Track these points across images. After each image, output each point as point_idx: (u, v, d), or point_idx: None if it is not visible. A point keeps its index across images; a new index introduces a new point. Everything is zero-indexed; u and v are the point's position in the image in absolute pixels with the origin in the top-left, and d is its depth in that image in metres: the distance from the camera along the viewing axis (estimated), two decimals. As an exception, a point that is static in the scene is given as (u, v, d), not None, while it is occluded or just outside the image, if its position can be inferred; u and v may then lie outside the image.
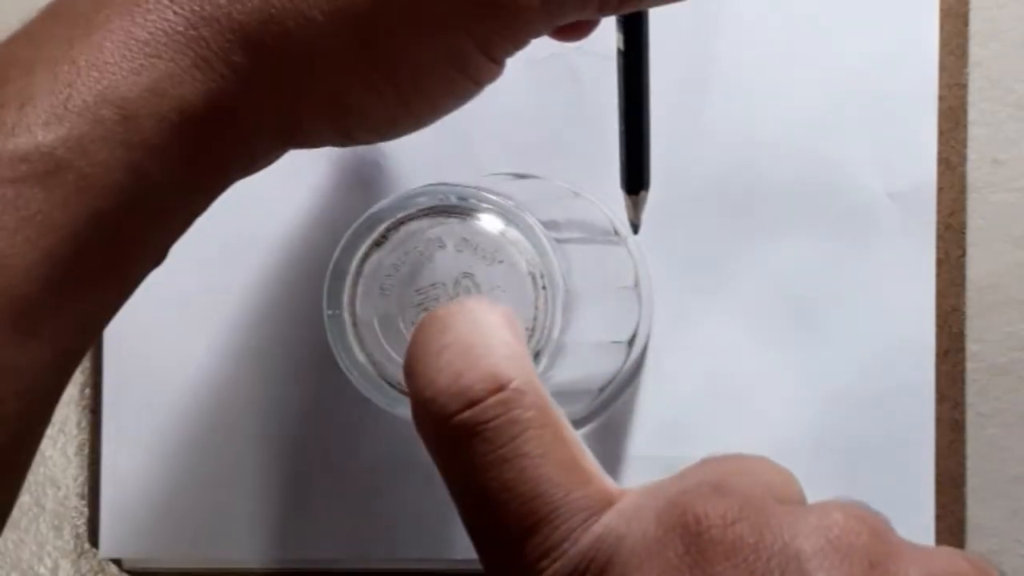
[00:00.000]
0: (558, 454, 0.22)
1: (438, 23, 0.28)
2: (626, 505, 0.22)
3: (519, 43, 0.29)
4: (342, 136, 0.30)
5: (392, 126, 0.30)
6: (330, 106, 0.28)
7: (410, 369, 0.24)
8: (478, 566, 0.45)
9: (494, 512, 0.22)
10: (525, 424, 0.22)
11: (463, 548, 0.43)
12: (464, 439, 0.22)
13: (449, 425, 0.22)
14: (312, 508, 0.43)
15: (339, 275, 0.33)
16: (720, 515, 0.21)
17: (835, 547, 0.20)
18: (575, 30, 0.32)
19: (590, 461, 0.23)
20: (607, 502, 0.22)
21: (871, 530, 0.21)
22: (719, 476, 0.22)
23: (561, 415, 0.23)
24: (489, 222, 0.33)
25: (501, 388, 0.22)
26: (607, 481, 0.23)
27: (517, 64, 0.30)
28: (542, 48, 0.31)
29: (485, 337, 0.23)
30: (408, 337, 0.33)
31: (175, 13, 0.26)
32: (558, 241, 0.34)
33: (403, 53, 0.28)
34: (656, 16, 0.35)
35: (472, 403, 0.22)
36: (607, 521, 0.22)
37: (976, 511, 0.42)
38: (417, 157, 0.43)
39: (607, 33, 0.35)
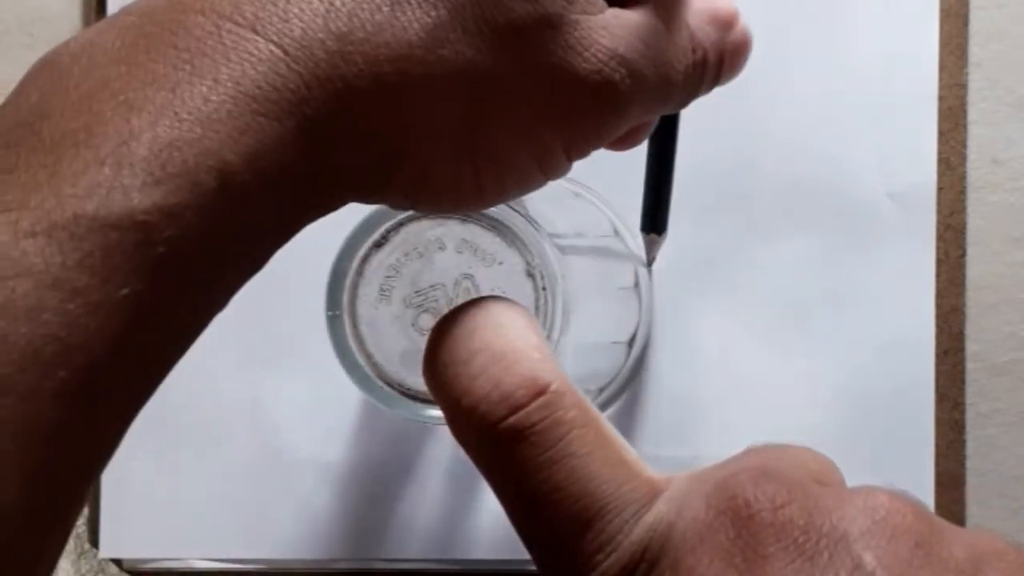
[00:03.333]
0: (603, 451, 0.23)
1: (537, 120, 0.27)
2: (674, 492, 0.22)
3: (598, 146, 0.29)
4: (406, 201, 0.28)
5: (454, 205, 0.28)
6: (413, 181, 0.27)
7: (440, 377, 0.24)
8: (478, 567, 0.45)
9: (546, 512, 0.22)
10: (569, 425, 0.23)
11: (463, 548, 0.43)
12: (511, 444, 0.23)
13: (495, 432, 0.23)
14: (312, 508, 0.43)
15: (339, 276, 0.33)
16: (769, 498, 0.21)
17: (881, 528, 0.21)
18: (631, 137, 0.32)
19: (633, 454, 0.23)
20: (655, 492, 0.23)
21: (915, 512, 0.21)
22: (763, 461, 0.23)
23: (599, 412, 0.23)
24: (489, 223, 0.33)
25: (542, 392, 0.23)
26: (651, 471, 0.23)
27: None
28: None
29: (515, 341, 0.24)
30: (408, 337, 0.33)
31: (289, 68, 0.23)
32: (558, 241, 0.34)
33: (497, 143, 0.27)
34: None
35: (516, 408, 0.23)
36: (657, 510, 0.22)
37: (976, 511, 0.42)
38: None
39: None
